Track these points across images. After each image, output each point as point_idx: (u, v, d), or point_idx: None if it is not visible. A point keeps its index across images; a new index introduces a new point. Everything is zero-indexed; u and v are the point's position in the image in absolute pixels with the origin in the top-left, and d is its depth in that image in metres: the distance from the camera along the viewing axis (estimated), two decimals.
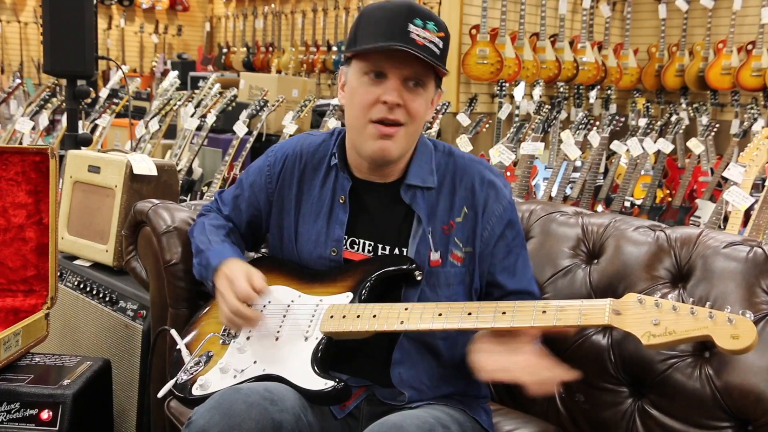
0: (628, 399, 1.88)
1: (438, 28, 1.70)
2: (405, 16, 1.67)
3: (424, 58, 1.65)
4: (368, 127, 1.73)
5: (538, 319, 1.55)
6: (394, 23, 1.67)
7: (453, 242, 1.78)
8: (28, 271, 2.35)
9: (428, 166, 1.83)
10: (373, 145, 1.73)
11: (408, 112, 1.71)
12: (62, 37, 3.54)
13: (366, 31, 1.72)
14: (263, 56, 10.05)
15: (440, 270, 1.78)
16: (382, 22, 1.69)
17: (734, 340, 1.37)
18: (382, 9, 1.72)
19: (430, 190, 1.81)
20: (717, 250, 1.86)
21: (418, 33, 1.67)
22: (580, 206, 2.41)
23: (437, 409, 1.72)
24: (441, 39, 1.70)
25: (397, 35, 1.66)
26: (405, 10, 1.68)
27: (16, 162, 2.33)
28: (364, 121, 1.73)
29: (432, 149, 1.86)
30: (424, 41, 1.66)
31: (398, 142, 1.73)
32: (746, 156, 3.48)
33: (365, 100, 1.72)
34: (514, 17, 6.94)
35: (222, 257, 1.87)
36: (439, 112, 5.73)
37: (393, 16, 1.68)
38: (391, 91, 1.69)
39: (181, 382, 1.80)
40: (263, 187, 1.95)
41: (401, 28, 1.66)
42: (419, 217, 1.79)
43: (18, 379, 2.12)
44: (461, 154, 1.89)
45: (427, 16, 1.70)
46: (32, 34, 10.20)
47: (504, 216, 1.82)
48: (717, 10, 7.33)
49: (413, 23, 1.66)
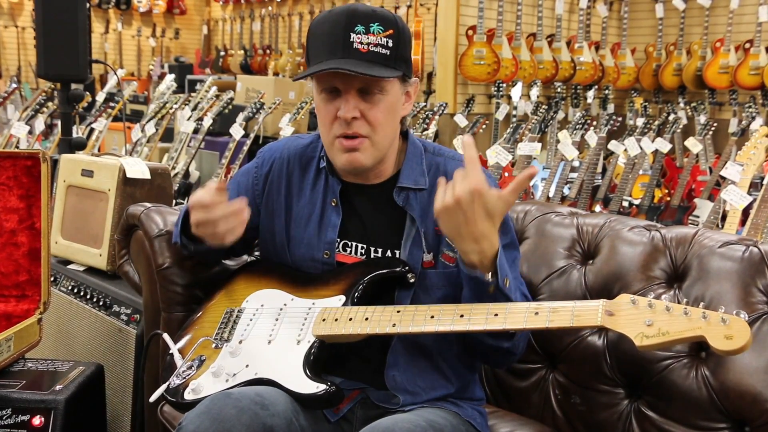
0: (625, 400, 1.87)
1: (384, 27, 1.66)
2: (344, 25, 1.64)
3: (362, 73, 1.62)
4: (335, 143, 1.74)
5: (531, 320, 1.54)
6: (335, 36, 1.65)
7: (445, 243, 1.77)
8: (21, 276, 2.34)
9: (419, 167, 1.82)
10: (342, 158, 1.74)
11: (368, 122, 1.70)
12: (55, 40, 3.53)
13: (314, 48, 1.71)
14: (260, 59, 10.06)
15: (432, 271, 1.77)
16: (324, 37, 1.67)
17: (728, 340, 1.36)
18: (324, 21, 1.69)
19: (422, 191, 1.79)
20: (712, 250, 1.84)
21: (361, 40, 1.64)
22: (578, 206, 2.41)
23: (431, 412, 1.71)
24: (390, 37, 1.66)
25: (340, 49, 1.64)
26: (344, 19, 1.65)
27: (8, 166, 2.31)
28: (330, 137, 1.74)
29: (422, 150, 1.85)
30: (368, 47, 1.64)
31: (365, 152, 1.73)
32: (744, 155, 3.47)
33: (326, 118, 1.73)
34: (510, 18, 6.93)
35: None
36: (436, 113, 5.72)
37: (333, 28, 1.66)
38: (345, 107, 1.68)
39: (174, 386, 1.79)
40: (249, 188, 1.94)
41: (343, 40, 1.64)
42: (413, 219, 1.78)
43: (10, 385, 2.10)
44: (452, 154, 1.87)
45: (369, 17, 1.65)
46: (29, 38, 10.19)
47: None
48: (714, 8, 7.32)
49: (354, 31, 1.64)
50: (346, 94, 1.68)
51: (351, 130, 1.69)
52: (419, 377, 1.77)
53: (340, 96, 1.69)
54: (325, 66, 1.63)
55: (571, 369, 1.97)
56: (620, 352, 1.86)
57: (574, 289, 2.01)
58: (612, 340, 1.89)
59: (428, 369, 1.77)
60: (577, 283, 2.01)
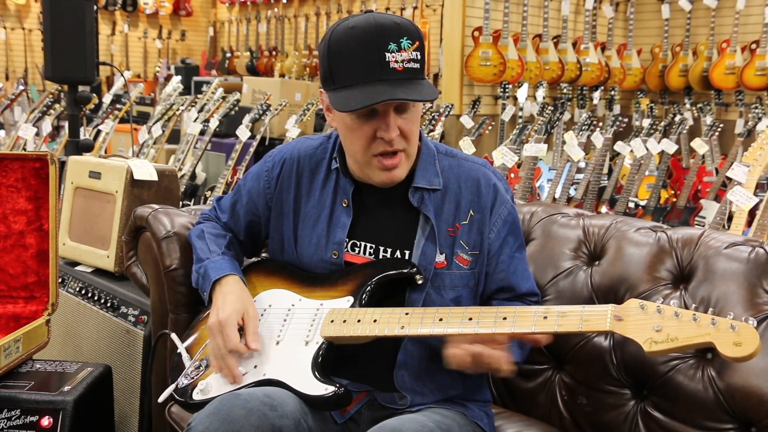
0: (631, 401, 1.87)
1: (412, 40, 1.62)
2: (377, 44, 1.60)
3: (407, 99, 1.61)
4: (372, 161, 1.73)
5: (539, 324, 1.54)
6: (370, 57, 1.60)
7: (459, 245, 1.77)
8: (29, 278, 2.35)
9: (433, 168, 1.82)
10: (381, 175, 1.74)
11: (405, 137, 1.70)
12: (63, 43, 3.54)
13: (343, 69, 1.65)
14: (266, 60, 10.06)
15: (445, 272, 1.77)
16: (357, 58, 1.62)
17: (737, 347, 1.35)
18: (350, 39, 1.63)
19: (436, 191, 1.80)
20: (719, 251, 1.84)
21: (396, 59, 1.60)
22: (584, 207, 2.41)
23: (438, 412, 1.72)
24: (418, 49, 1.63)
25: (377, 70, 1.60)
26: (375, 36, 1.60)
27: (16, 168, 2.32)
28: (366, 156, 1.73)
29: (435, 151, 1.85)
30: (404, 65, 1.61)
31: (403, 166, 1.74)
32: (750, 155, 3.46)
33: (362, 139, 1.70)
34: (516, 19, 6.93)
35: (221, 271, 1.86)
36: (442, 114, 5.72)
37: (366, 46, 1.61)
38: (386, 128, 1.67)
39: (182, 386, 1.79)
40: (262, 193, 1.95)
41: (379, 60, 1.60)
42: (427, 218, 1.78)
43: (18, 386, 2.11)
44: (464, 155, 1.88)
45: (397, 33, 1.61)
46: (36, 40, 10.23)
47: (508, 219, 1.83)
48: (720, 9, 7.31)
49: (388, 50, 1.60)
50: (385, 114, 1.66)
51: (392, 148, 1.69)
52: (428, 378, 1.77)
53: (377, 116, 1.66)
54: (378, 97, 1.60)
55: (578, 370, 1.97)
56: (626, 353, 1.86)
57: (580, 290, 2.01)
58: (618, 341, 1.89)
59: (437, 370, 1.77)
60: (583, 284, 2.01)
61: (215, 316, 1.77)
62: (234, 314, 1.76)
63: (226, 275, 1.85)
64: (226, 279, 1.85)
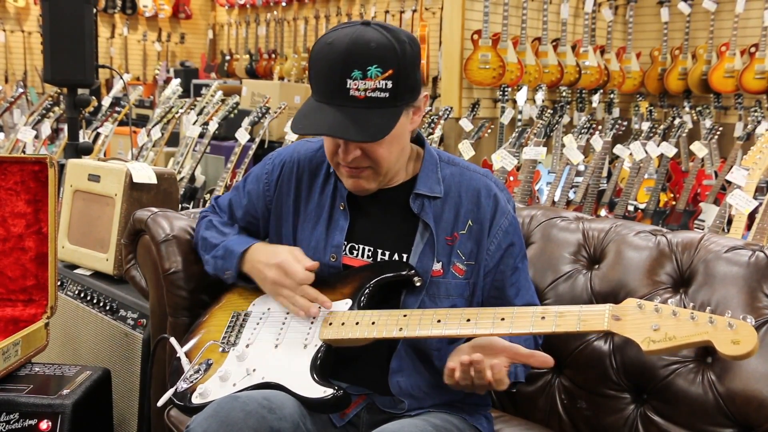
0: (630, 405, 1.87)
1: (383, 69, 1.58)
2: (341, 70, 1.58)
3: (341, 136, 1.61)
4: (339, 168, 1.76)
5: (537, 325, 1.54)
6: (332, 81, 1.60)
7: (456, 254, 1.77)
8: (28, 281, 2.35)
9: (435, 175, 1.82)
10: (347, 182, 1.77)
11: (370, 158, 1.70)
12: (62, 46, 3.55)
13: (314, 80, 1.66)
14: (266, 63, 10.06)
15: (441, 280, 1.77)
16: (323, 77, 1.62)
17: (735, 345, 1.35)
18: (325, 57, 1.62)
19: (437, 199, 1.80)
20: (718, 255, 1.84)
21: (358, 87, 1.58)
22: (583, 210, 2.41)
23: (437, 416, 1.71)
24: (390, 78, 1.59)
25: (337, 96, 1.60)
26: (340, 63, 1.58)
27: (15, 171, 2.32)
28: (333, 164, 1.77)
29: (437, 159, 1.85)
30: (365, 93, 1.59)
31: (369, 179, 1.75)
32: (749, 159, 3.46)
33: (328, 150, 1.75)
34: (515, 22, 6.93)
35: (246, 243, 1.88)
36: (441, 118, 5.72)
37: (331, 70, 1.60)
38: (344, 153, 1.69)
39: (181, 390, 1.79)
40: (261, 195, 1.95)
41: (339, 86, 1.59)
42: (426, 225, 1.78)
43: (17, 389, 2.11)
44: (466, 164, 1.87)
45: (367, 59, 1.57)
46: (35, 43, 10.22)
47: (509, 230, 1.81)
48: (719, 13, 7.31)
49: (350, 78, 1.58)
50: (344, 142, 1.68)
51: (353, 165, 1.71)
52: (424, 382, 1.77)
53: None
54: (318, 128, 1.62)
55: (577, 374, 1.97)
56: (626, 356, 1.86)
57: (580, 293, 2.01)
58: (618, 344, 1.89)
59: (433, 374, 1.77)
60: (583, 287, 2.01)
61: (270, 268, 1.79)
62: (287, 254, 1.79)
63: (254, 244, 1.87)
64: (253, 247, 1.87)
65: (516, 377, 1.73)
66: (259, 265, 1.82)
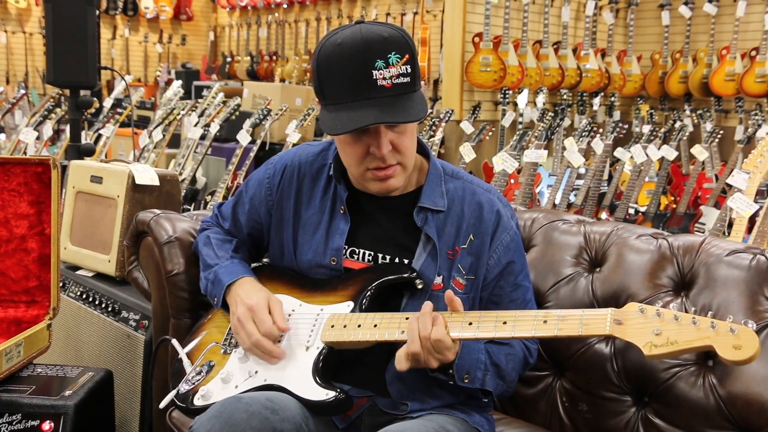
0: (632, 408, 1.87)
1: (401, 54, 1.60)
2: (364, 62, 1.58)
3: (392, 121, 1.61)
4: (366, 174, 1.73)
5: (539, 328, 1.54)
6: (356, 75, 1.59)
7: (456, 268, 1.77)
8: (30, 282, 2.35)
9: (439, 189, 1.81)
10: (376, 186, 1.74)
11: (398, 151, 1.69)
12: (65, 47, 3.55)
13: (332, 87, 1.65)
14: (267, 65, 10.07)
15: (441, 294, 1.75)
16: (345, 77, 1.61)
17: (736, 350, 1.35)
18: (338, 58, 1.61)
19: (440, 212, 1.79)
20: (720, 258, 1.85)
21: (384, 75, 1.59)
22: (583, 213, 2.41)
23: (439, 418, 1.71)
24: (408, 63, 1.61)
25: (365, 89, 1.59)
26: (362, 54, 1.58)
27: (18, 173, 2.33)
28: (360, 170, 1.73)
29: (441, 172, 1.84)
30: (392, 81, 1.60)
31: (399, 176, 1.73)
32: (750, 162, 3.47)
33: (354, 155, 1.71)
34: (517, 25, 6.94)
35: (234, 275, 1.87)
36: (442, 120, 5.73)
37: (352, 65, 1.59)
38: (377, 145, 1.66)
39: (183, 392, 1.80)
40: (263, 200, 1.95)
41: (366, 79, 1.59)
42: (428, 238, 1.77)
43: (19, 390, 2.11)
44: (470, 178, 1.87)
45: (384, 48, 1.59)
46: (37, 44, 10.23)
47: (511, 246, 1.81)
48: (720, 16, 7.32)
49: (375, 68, 1.58)
50: (376, 132, 1.65)
51: (386, 163, 1.69)
52: (424, 386, 1.76)
53: (368, 133, 1.66)
54: (364, 121, 1.59)
55: (579, 376, 1.97)
56: (627, 359, 1.87)
57: (581, 297, 2.01)
58: (619, 347, 1.89)
59: (431, 380, 1.76)
60: (584, 290, 2.02)
61: (242, 306, 1.78)
62: (262, 300, 1.78)
63: (241, 278, 1.87)
64: (240, 281, 1.86)
65: (483, 384, 1.72)
66: (237, 298, 1.82)
